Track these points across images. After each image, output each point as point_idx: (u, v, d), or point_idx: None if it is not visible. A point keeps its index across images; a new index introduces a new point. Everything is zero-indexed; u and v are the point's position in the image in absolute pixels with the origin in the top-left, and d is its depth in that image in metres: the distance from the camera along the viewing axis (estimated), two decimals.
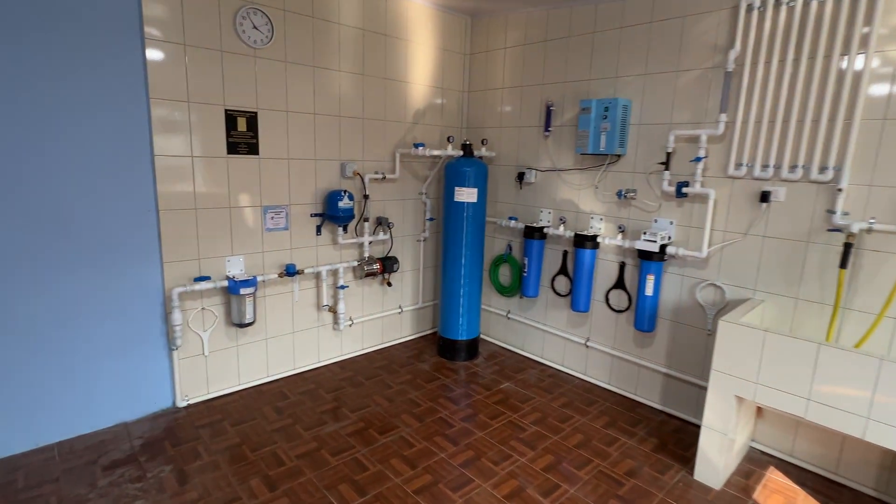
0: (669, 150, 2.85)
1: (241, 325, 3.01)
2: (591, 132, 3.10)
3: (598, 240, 3.23)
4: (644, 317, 3.01)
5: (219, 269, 2.98)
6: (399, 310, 4.03)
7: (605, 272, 3.33)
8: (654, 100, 2.97)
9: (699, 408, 2.94)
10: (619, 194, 3.09)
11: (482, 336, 4.24)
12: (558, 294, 3.63)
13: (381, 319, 3.93)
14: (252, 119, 2.97)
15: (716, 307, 2.81)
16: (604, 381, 3.43)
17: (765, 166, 2.56)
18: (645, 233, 2.93)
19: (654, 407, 3.15)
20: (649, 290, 2.96)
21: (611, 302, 3.33)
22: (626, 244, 3.07)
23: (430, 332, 4.32)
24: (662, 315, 3.05)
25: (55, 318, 2.50)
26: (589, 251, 3.25)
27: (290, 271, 3.18)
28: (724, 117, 2.64)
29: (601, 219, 3.31)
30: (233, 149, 2.92)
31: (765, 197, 2.54)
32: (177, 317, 2.77)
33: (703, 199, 2.80)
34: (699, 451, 2.43)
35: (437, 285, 4.31)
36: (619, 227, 3.17)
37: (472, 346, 3.80)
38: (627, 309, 3.24)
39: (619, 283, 3.25)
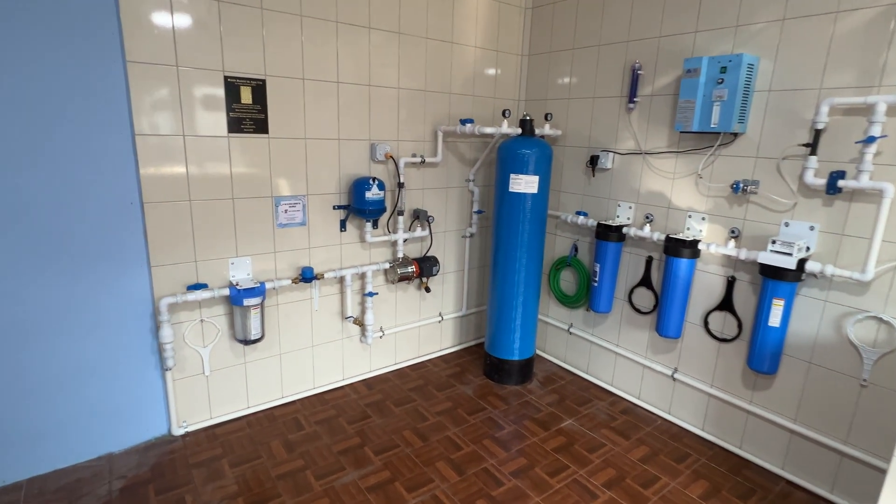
0: (820, 127, 2.02)
1: (246, 342, 2.49)
2: (698, 102, 2.29)
3: (700, 246, 2.45)
4: (764, 353, 2.23)
5: (221, 273, 2.46)
6: (439, 318, 3.42)
7: (705, 288, 2.55)
8: (794, 55, 2.12)
9: (841, 481, 2.16)
10: (735, 187, 2.29)
11: (537, 352, 3.56)
12: (637, 311, 2.88)
13: (417, 329, 3.34)
14: (259, 88, 2.38)
15: (878, 350, 2.00)
16: (695, 425, 2.68)
17: None
18: (774, 241, 2.13)
19: (769, 470, 2.38)
20: (775, 320, 2.17)
21: (711, 327, 2.56)
22: (743, 254, 2.28)
23: (475, 342, 3.69)
24: (790, 352, 2.26)
25: (21, 333, 2.05)
26: (686, 261, 2.47)
27: (306, 276, 2.62)
28: None
29: (703, 218, 2.51)
30: (235, 126, 2.35)
31: None
32: (166, 333, 2.28)
33: (870, 196, 1.96)
34: None
35: (484, 289, 3.66)
36: (731, 231, 2.37)
37: (526, 368, 3.14)
38: (736, 338, 2.46)
39: (726, 304, 2.47)
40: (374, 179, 2.67)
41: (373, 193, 2.68)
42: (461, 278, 3.48)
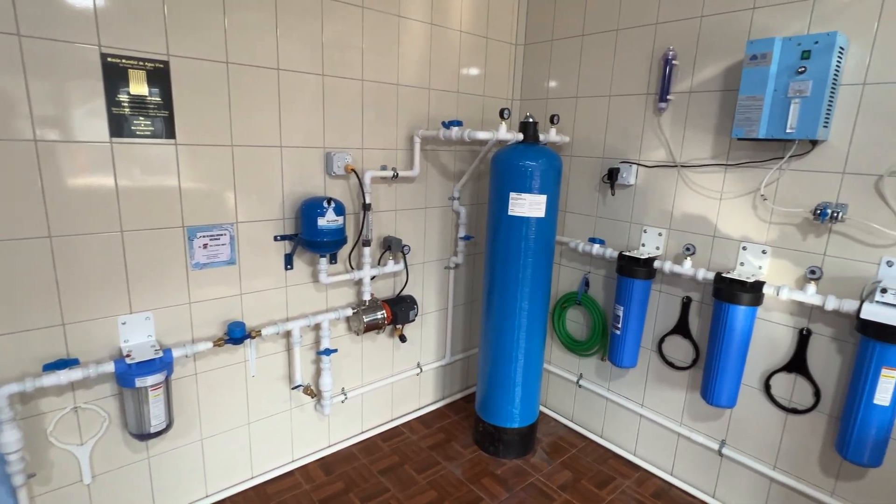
0: None
1: (144, 437, 1.74)
2: (767, 99, 1.70)
3: (766, 290, 1.86)
4: (865, 440, 1.64)
5: (106, 338, 1.71)
6: (417, 370, 2.73)
7: (765, 341, 1.97)
8: None
9: None
10: (821, 213, 1.70)
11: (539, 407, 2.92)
12: (670, 364, 2.27)
13: (389, 387, 2.64)
14: (159, 74, 1.66)
15: None
16: None
17: None
18: (885, 290, 1.54)
19: None
20: (884, 396, 1.58)
21: (775, 392, 1.97)
22: (831, 304, 1.70)
23: (462, 394, 3.01)
24: (895, 434, 1.69)
25: None
26: (745, 309, 1.87)
27: (234, 336, 1.90)
28: None
29: (764, 251, 1.93)
30: (122, 127, 1.62)
31: None
32: (9, 437, 1.51)
33: None
34: None
35: (472, 329, 3.00)
36: (811, 272, 1.78)
37: (529, 436, 2.48)
38: (811, 409, 1.87)
39: (796, 365, 1.89)
40: (329, 201, 1.98)
41: (328, 220, 1.98)
42: (444, 318, 2.81)
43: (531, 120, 2.19)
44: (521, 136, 2.20)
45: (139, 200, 1.69)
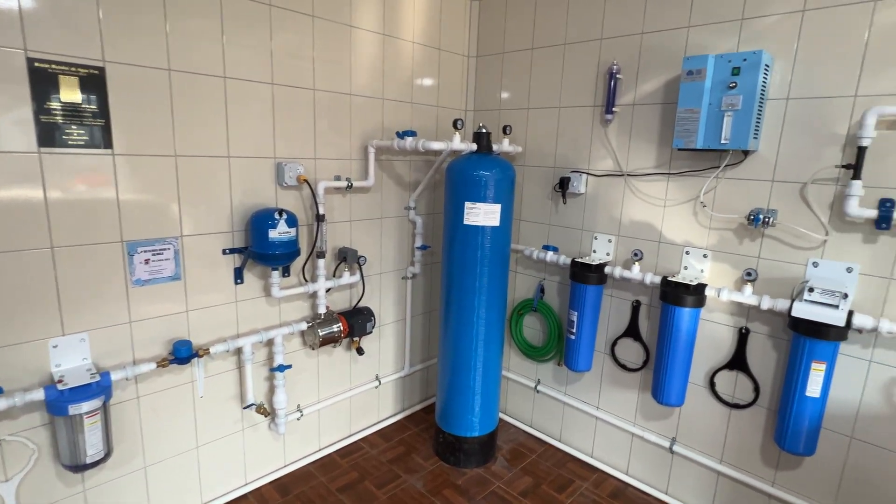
0: (864, 144, 1.59)
1: (79, 468, 1.62)
2: (703, 112, 1.81)
3: (708, 292, 1.96)
4: (800, 430, 1.75)
5: (35, 362, 1.58)
6: (376, 383, 2.69)
7: (709, 340, 2.07)
8: (819, 55, 1.70)
9: None
10: (754, 218, 1.81)
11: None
12: (623, 367, 2.35)
13: (347, 401, 2.58)
14: (93, 80, 1.57)
15: None
16: None
17: None
18: (811, 289, 1.66)
19: None
20: (814, 389, 1.70)
21: (719, 389, 2.07)
22: (766, 303, 1.81)
23: (421, 405, 2.99)
24: (829, 425, 1.80)
25: None
26: (690, 311, 1.97)
27: (180, 355, 1.80)
28: None
29: (705, 255, 2.03)
30: (53, 136, 1.52)
31: None
32: None
33: None
34: None
35: (431, 340, 2.99)
36: (747, 274, 1.89)
37: (489, 444, 2.49)
38: (752, 404, 1.98)
39: (737, 363, 1.99)
40: (281, 212, 1.93)
41: (280, 232, 1.93)
42: (402, 329, 2.79)
43: (484, 130, 2.22)
44: (474, 147, 2.23)
45: (72, 214, 1.58)
